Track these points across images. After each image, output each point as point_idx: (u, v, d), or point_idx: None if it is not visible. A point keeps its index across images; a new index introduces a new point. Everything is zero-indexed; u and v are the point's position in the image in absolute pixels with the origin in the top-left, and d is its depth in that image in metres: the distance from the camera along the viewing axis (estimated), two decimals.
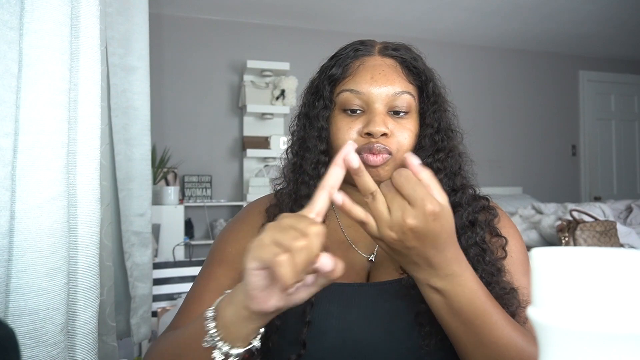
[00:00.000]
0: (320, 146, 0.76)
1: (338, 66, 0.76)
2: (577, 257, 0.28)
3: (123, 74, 1.33)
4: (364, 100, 0.73)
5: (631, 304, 0.26)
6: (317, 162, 0.76)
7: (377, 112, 0.72)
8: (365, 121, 0.73)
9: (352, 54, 0.77)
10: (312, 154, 0.76)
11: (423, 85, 0.77)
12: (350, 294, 0.72)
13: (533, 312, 0.30)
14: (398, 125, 0.73)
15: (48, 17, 0.65)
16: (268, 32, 3.92)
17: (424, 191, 0.51)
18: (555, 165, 4.72)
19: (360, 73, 0.75)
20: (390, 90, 0.73)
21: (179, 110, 3.67)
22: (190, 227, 3.49)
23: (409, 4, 3.62)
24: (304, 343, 0.68)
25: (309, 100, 0.80)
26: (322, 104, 0.76)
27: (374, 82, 0.73)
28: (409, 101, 0.74)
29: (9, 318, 0.61)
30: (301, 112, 0.81)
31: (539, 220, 2.38)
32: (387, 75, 0.74)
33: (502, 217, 0.79)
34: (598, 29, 4.13)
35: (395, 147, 0.72)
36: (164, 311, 1.62)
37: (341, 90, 0.75)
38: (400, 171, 0.53)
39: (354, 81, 0.74)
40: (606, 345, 0.27)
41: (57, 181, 0.66)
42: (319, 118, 0.76)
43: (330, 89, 0.77)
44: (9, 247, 0.62)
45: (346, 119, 0.74)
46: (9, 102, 0.62)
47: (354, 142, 0.72)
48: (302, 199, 0.75)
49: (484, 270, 0.71)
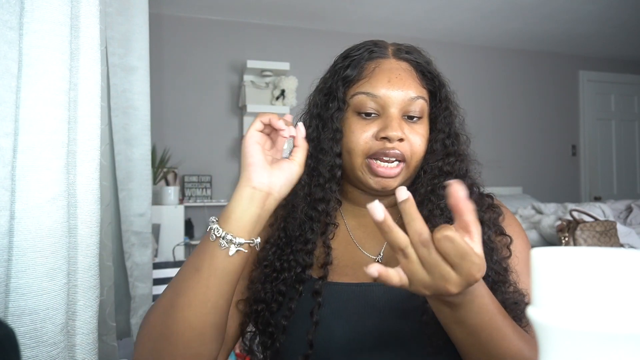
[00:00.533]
0: (335, 149, 0.75)
1: (353, 67, 0.75)
2: (577, 257, 0.28)
3: (123, 74, 1.33)
4: (380, 103, 0.73)
5: (631, 304, 0.26)
6: (333, 166, 0.75)
7: (393, 116, 0.72)
8: (380, 125, 0.72)
9: (367, 55, 0.76)
10: (328, 157, 0.75)
11: (436, 90, 0.77)
12: (358, 293, 0.71)
13: (533, 312, 0.30)
14: (411, 131, 0.73)
15: (48, 17, 0.65)
16: (268, 32, 3.92)
17: (471, 259, 0.47)
18: (555, 165, 4.72)
19: (377, 76, 0.74)
20: (406, 94, 0.73)
21: (179, 110, 3.67)
22: (190, 227, 3.49)
23: (409, 4, 3.62)
24: (311, 343, 0.68)
25: (321, 100, 0.78)
26: (336, 106, 0.75)
27: (391, 85, 0.73)
28: (422, 106, 0.74)
29: (9, 318, 0.61)
30: (313, 113, 0.79)
31: (539, 220, 2.38)
32: (403, 79, 0.74)
33: (506, 215, 0.80)
34: (598, 29, 4.13)
35: (409, 153, 0.72)
36: None
37: (356, 93, 0.74)
38: (447, 235, 0.47)
39: (370, 84, 0.73)
40: (606, 345, 0.27)
41: (57, 181, 0.66)
42: (334, 120, 0.75)
43: (344, 90, 0.76)
44: (9, 247, 0.62)
45: (361, 122, 0.73)
46: (9, 102, 0.62)
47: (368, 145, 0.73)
48: (317, 203, 0.75)
49: (492, 269, 0.70)
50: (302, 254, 0.74)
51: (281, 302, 0.73)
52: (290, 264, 0.74)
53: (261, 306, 0.73)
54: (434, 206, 0.73)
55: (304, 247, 0.74)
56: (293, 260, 0.74)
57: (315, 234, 0.75)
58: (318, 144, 0.76)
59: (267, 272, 0.75)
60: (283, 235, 0.76)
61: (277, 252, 0.76)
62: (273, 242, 0.77)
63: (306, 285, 0.73)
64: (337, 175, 0.75)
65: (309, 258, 0.74)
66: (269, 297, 0.73)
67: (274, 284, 0.73)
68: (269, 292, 0.73)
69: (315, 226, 0.75)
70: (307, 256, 0.74)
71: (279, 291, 0.73)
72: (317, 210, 0.75)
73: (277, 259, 0.75)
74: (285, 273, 0.73)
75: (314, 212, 0.75)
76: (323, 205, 0.75)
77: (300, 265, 0.73)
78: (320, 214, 0.75)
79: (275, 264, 0.74)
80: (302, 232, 0.75)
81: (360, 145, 0.73)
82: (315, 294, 0.71)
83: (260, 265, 0.76)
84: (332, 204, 0.76)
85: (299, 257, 0.74)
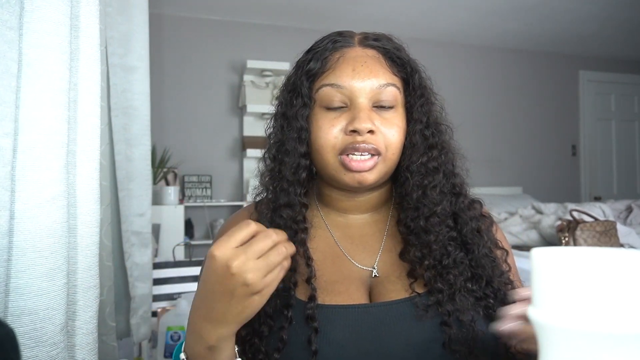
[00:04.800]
0: (300, 148, 0.69)
1: (316, 60, 0.70)
2: (577, 257, 0.28)
3: (123, 74, 1.33)
4: (346, 95, 0.68)
5: (631, 304, 0.26)
6: (298, 167, 0.69)
7: (361, 107, 0.67)
8: (348, 118, 0.67)
9: (331, 46, 0.71)
10: (292, 158, 0.69)
11: (409, 77, 0.72)
12: (357, 317, 0.65)
13: (533, 312, 0.30)
14: (384, 121, 0.68)
15: (48, 17, 0.65)
16: (268, 32, 3.92)
17: None
18: (555, 165, 4.71)
19: (341, 66, 0.68)
20: (374, 83, 0.67)
21: (179, 110, 3.67)
22: (190, 227, 3.49)
23: (409, 4, 3.62)
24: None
25: (286, 98, 0.73)
26: (301, 102, 0.70)
27: (356, 74, 0.67)
28: (394, 94, 0.69)
29: (9, 318, 0.61)
30: (277, 112, 0.74)
31: (539, 220, 2.38)
32: (369, 66, 0.68)
33: (496, 225, 0.76)
34: (598, 29, 4.13)
35: (383, 145, 0.67)
36: (164, 311, 1.62)
37: (321, 86, 0.69)
38: None
39: (334, 75, 0.68)
40: (606, 345, 0.27)
41: (57, 181, 0.66)
42: (298, 117, 0.69)
43: (309, 85, 0.70)
44: (9, 247, 0.62)
45: (328, 116, 0.68)
46: (9, 102, 0.62)
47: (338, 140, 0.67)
48: (282, 209, 0.69)
49: (499, 282, 0.68)
50: None
51: (271, 325, 0.65)
52: None
53: (247, 330, 0.65)
54: (431, 212, 0.68)
55: None
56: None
57: None
58: (282, 146, 0.71)
59: None
60: None
61: None
62: None
63: (295, 310, 0.65)
64: (301, 178, 0.69)
65: (293, 277, 0.66)
66: (254, 320, 0.64)
67: None
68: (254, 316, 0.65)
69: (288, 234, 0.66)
70: (288, 274, 0.63)
71: (265, 313, 0.64)
72: (282, 217, 0.68)
73: None
74: None
75: (280, 219, 0.68)
76: (288, 211, 0.68)
77: (284, 286, 0.65)
78: (286, 220, 0.68)
79: None
80: None
81: (330, 142, 0.67)
82: (309, 319, 0.63)
83: None
84: (297, 209, 0.69)
85: None
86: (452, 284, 0.66)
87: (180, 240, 2.92)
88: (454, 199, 0.72)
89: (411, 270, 0.68)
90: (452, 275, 0.66)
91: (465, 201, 0.72)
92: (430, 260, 0.67)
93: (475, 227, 0.71)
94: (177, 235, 3.01)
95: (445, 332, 0.62)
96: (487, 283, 0.68)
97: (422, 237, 0.68)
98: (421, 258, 0.67)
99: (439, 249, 0.67)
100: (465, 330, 0.63)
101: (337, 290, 0.68)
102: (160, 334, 1.51)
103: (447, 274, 0.66)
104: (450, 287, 0.65)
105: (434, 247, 0.67)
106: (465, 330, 0.63)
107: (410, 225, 0.69)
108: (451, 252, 0.68)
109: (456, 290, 0.65)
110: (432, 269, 0.67)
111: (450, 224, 0.71)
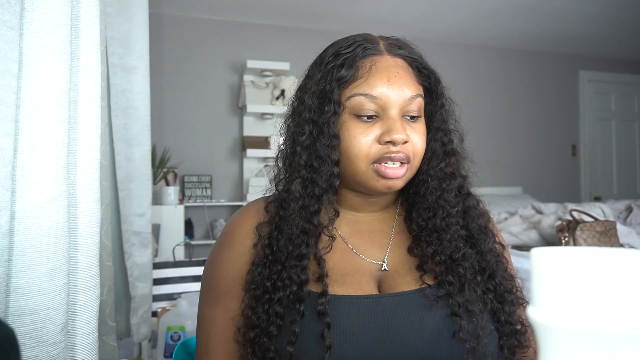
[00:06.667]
0: (333, 156, 0.69)
1: (348, 67, 0.70)
2: (577, 257, 0.28)
3: (123, 74, 1.33)
4: (380, 105, 0.68)
5: (631, 304, 0.26)
6: (331, 175, 0.69)
7: (396, 118, 0.68)
8: (382, 128, 0.68)
9: (361, 53, 0.70)
10: (326, 166, 0.69)
11: (432, 87, 0.74)
12: (369, 306, 0.67)
13: (533, 312, 0.30)
14: (412, 130, 0.70)
15: (48, 17, 0.65)
16: (268, 32, 3.92)
17: None
18: (555, 165, 4.72)
19: (375, 75, 0.69)
20: (406, 94, 0.69)
21: (179, 110, 3.67)
22: (190, 227, 3.49)
23: (409, 4, 3.62)
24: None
25: (315, 103, 0.71)
26: (332, 109, 0.69)
27: (390, 85, 0.68)
28: (420, 104, 0.71)
29: (9, 318, 0.61)
30: (305, 117, 0.72)
31: (539, 220, 2.38)
32: (402, 77, 0.69)
33: (492, 221, 0.80)
34: (598, 29, 4.13)
35: (411, 154, 0.69)
36: (164, 311, 1.62)
37: (353, 94, 0.69)
38: None
39: (368, 85, 0.68)
40: (606, 345, 0.27)
41: (57, 181, 0.66)
42: (330, 125, 0.69)
43: (339, 92, 0.70)
44: (9, 247, 0.62)
45: (361, 125, 0.69)
46: (9, 102, 0.62)
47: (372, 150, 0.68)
48: (314, 216, 0.70)
49: (503, 277, 0.71)
50: (297, 270, 0.68)
51: (280, 325, 0.66)
52: (285, 283, 0.68)
53: (256, 332, 0.67)
54: (447, 214, 0.72)
55: (298, 263, 0.68)
56: (287, 278, 0.68)
57: (310, 248, 0.69)
58: (314, 152, 0.70)
59: (257, 294, 0.69)
60: (269, 252, 0.71)
61: (264, 273, 0.70)
62: (258, 262, 0.71)
63: (307, 303, 0.67)
64: (335, 185, 0.70)
65: (305, 274, 0.68)
66: (263, 320, 0.67)
67: (268, 306, 0.68)
68: (263, 315, 0.67)
69: (311, 240, 0.70)
70: (303, 272, 0.68)
71: (275, 313, 0.67)
72: (312, 224, 0.70)
73: (266, 279, 0.69)
74: (279, 293, 0.67)
75: (310, 225, 0.70)
76: (319, 218, 0.70)
77: (295, 283, 0.68)
78: (316, 227, 0.70)
79: (266, 284, 0.69)
80: (295, 248, 0.69)
81: (363, 151, 0.68)
82: (321, 313, 0.65)
83: (248, 289, 0.71)
84: (329, 216, 0.71)
85: (294, 274, 0.68)
86: (461, 276, 0.69)
87: (180, 240, 2.92)
88: (464, 198, 0.76)
89: (420, 264, 0.72)
90: (461, 268, 0.69)
91: (474, 200, 0.76)
92: (442, 256, 0.70)
93: (482, 224, 0.75)
94: (177, 235, 3.01)
95: (456, 322, 0.65)
96: (490, 277, 0.72)
97: (436, 235, 0.71)
98: (433, 254, 0.71)
99: (451, 246, 0.71)
100: (475, 321, 0.66)
101: (348, 281, 0.70)
102: (160, 334, 1.51)
103: (457, 267, 0.69)
104: (460, 279, 0.69)
105: (447, 244, 0.70)
106: (475, 321, 0.66)
107: (422, 225, 0.73)
108: (461, 247, 0.71)
109: (465, 283, 0.68)
110: (443, 263, 0.70)
111: (461, 223, 0.74)
